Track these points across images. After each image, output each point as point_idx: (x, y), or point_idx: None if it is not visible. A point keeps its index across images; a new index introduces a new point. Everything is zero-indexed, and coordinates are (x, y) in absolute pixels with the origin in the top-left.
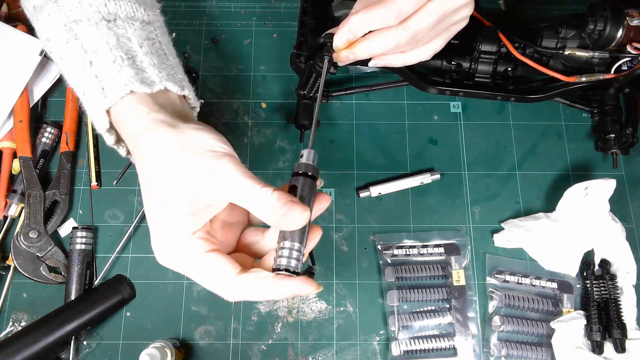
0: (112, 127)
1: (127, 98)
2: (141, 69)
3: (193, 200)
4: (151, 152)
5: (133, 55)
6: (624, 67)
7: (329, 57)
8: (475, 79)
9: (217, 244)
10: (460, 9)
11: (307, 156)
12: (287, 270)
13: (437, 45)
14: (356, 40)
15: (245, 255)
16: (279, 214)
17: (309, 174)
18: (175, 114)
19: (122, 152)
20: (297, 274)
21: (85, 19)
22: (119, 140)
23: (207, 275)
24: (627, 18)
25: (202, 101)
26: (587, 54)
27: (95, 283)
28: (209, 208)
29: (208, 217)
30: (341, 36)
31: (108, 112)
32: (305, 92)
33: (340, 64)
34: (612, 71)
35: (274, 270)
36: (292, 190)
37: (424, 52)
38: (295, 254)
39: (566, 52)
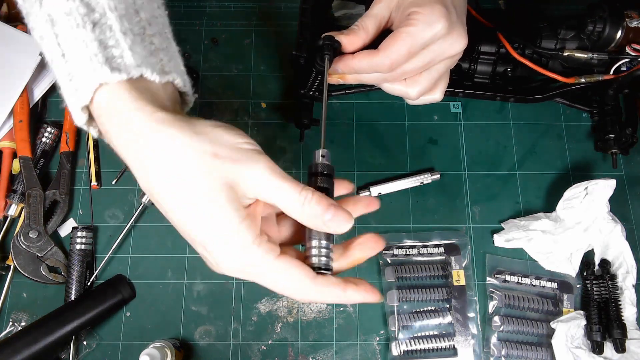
0: (92, 118)
1: (112, 89)
2: (152, 52)
3: (238, 204)
4: (169, 162)
5: (142, 33)
6: (623, 68)
7: (329, 56)
8: (475, 80)
9: (278, 245)
10: (453, 57)
11: (328, 156)
12: (326, 268)
13: (426, 83)
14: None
15: (292, 248)
16: (325, 219)
17: (331, 174)
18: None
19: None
20: (329, 271)
21: None
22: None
23: (283, 281)
24: (627, 19)
25: (197, 95)
26: (586, 56)
27: (95, 283)
28: (256, 207)
29: (260, 215)
30: (336, 68)
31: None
32: (305, 91)
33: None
34: (611, 72)
35: (313, 269)
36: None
37: (414, 87)
38: (324, 251)
39: (565, 54)
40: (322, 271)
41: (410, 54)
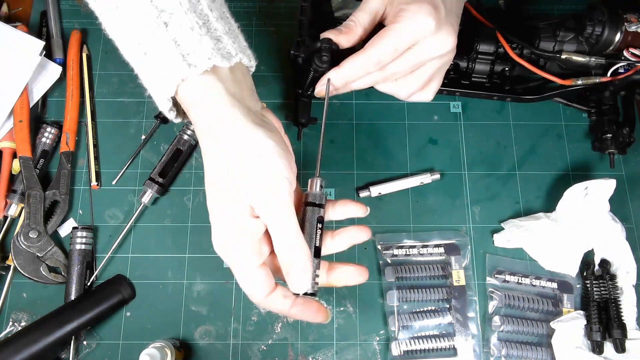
0: (175, 104)
1: (203, 77)
2: (217, 39)
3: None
4: (244, 155)
5: (206, 20)
6: (621, 70)
7: (327, 57)
8: (473, 79)
9: (263, 257)
10: (440, 57)
11: (323, 185)
12: (311, 293)
13: (415, 82)
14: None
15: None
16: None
17: (323, 205)
18: (250, 92)
19: (177, 120)
20: (314, 295)
21: None
22: (179, 112)
23: (247, 282)
24: (626, 23)
25: (257, 61)
26: (583, 59)
27: (95, 283)
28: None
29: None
30: (322, 85)
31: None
32: (303, 91)
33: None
34: (609, 74)
35: (294, 293)
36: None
37: (405, 86)
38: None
39: (563, 57)
40: (307, 295)
41: (396, 51)
